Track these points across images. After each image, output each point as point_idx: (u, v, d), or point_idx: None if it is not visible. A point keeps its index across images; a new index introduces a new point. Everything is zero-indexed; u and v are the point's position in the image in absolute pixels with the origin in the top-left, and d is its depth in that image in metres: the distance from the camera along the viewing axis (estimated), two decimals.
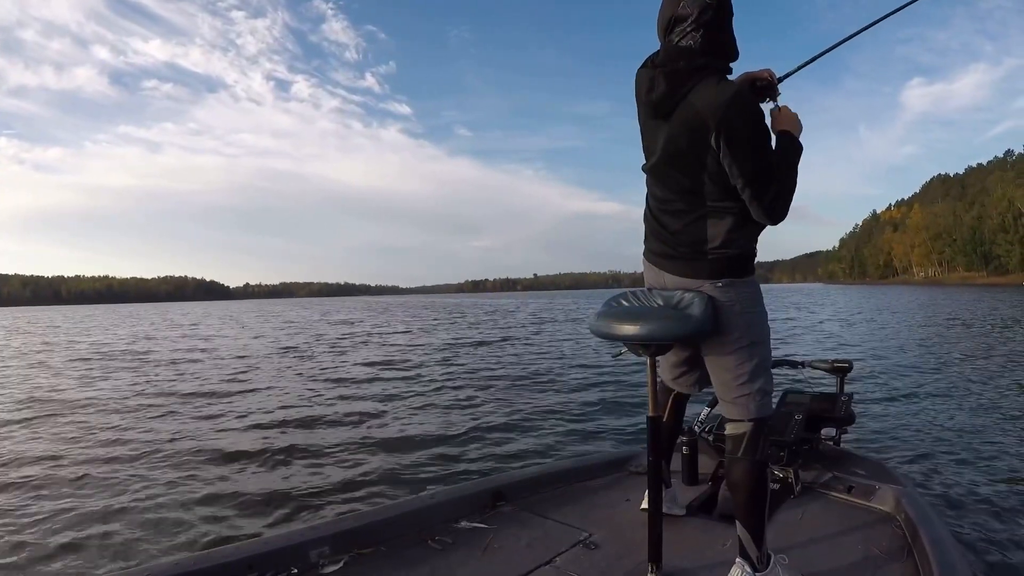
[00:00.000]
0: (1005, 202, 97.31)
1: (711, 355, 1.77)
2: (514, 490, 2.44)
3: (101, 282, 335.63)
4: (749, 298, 1.72)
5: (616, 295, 1.90)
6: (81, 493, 4.15)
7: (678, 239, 1.73)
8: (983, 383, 7.49)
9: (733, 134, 1.53)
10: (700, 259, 1.70)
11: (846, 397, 2.88)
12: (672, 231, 1.74)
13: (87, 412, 7.10)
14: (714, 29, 1.61)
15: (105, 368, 11.95)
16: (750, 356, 1.70)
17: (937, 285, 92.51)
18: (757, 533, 1.69)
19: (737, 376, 1.71)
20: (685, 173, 1.66)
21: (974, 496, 3.58)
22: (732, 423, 1.74)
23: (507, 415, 6.37)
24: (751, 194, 1.58)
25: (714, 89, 1.56)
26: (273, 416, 6.61)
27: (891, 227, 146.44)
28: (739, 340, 1.70)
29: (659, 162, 1.72)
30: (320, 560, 1.85)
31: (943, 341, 12.82)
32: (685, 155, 1.63)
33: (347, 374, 10.08)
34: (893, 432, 5.11)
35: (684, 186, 1.68)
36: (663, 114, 1.65)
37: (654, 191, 1.80)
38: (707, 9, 1.58)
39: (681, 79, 1.60)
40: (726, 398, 1.76)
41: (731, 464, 1.73)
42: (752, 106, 1.57)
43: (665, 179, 1.73)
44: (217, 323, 32.26)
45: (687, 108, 1.59)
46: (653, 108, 1.67)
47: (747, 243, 1.72)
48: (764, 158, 1.58)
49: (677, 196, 1.71)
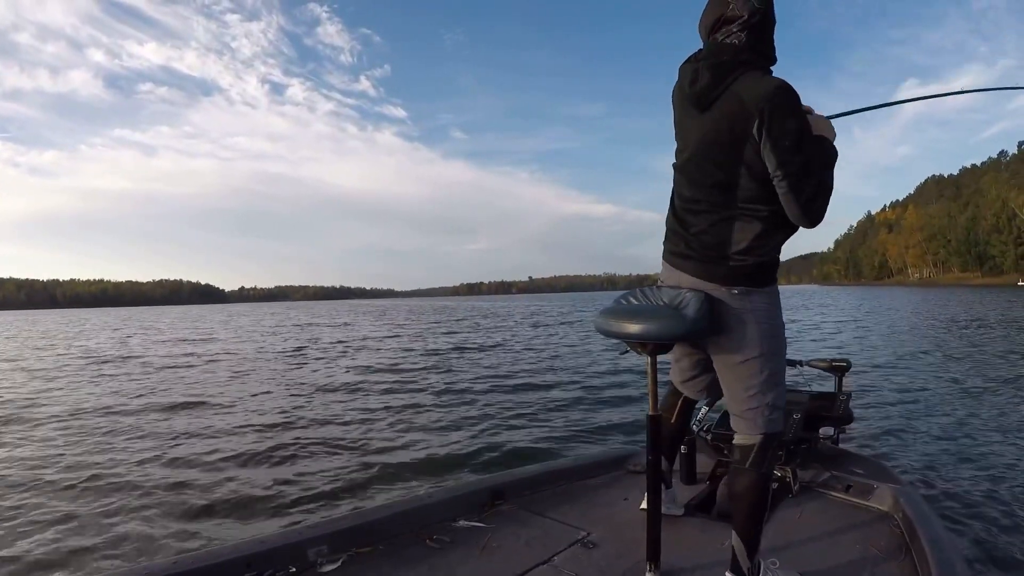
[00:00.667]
0: (999, 203, 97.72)
1: (722, 364, 1.75)
2: (512, 489, 2.43)
3: (96, 285, 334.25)
4: (766, 309, 1.68)
5: (626, 293, 1.89)
6: (80, 493, 4.13)
7: (700, 240, 1.70)
8: (981, 382, 7.52)
9: (777, 122, 1.51)
10: (720, 263, 1.66)
11: (844, 396, 2.88)
12: (695, 231, 1.71)
13: (89, 413, 7.06)
14: (759, 32, 1.63)
15: (101, 372, 11.90)
16: (761, 369, 1.67)
17: (932, 286, 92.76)
18: (752, 545, 1.68)
19: (747, 388, 1.68)
20: (720, 166, 1.63)
21: (972, 495, 3.59)
22: (741, 434, 1.72)
23: (505, 414, 6.37)
24: (789, 186, 1.54)
25: (760, 79, 1.57)
26: (272, 417, 6.59)
27: (886, 228, 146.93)
28: (751, 351, 1.66)
29: (693, 156, 1.70)
30: (318, 559, 1.84)
31: (941, 341, 12.86)
32: (723, 146, 1.60)
33: (345, 375, 10.05)
34: (891, 431, 5.12)
35: (717, 181, 1.64)
36: (704, 105, 1.64)
37: (681, 190, 1.77)
38: (756, 13, 1.61)
39: (725, 70, 1.60)
40: (735, 410, 1.73)
41: (735, 473, 1.72)
42: (798, 98, 1.56)
43: (697, 175, 1.70)
44: (213, 326, 32.15)
45: (730, 96, 1.58)
46: (695, 99, 1.66)
47: (772, 251, 1.68)
48: (806, 151, 1.55)
49: (707, 194, 1.67)
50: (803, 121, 1.56)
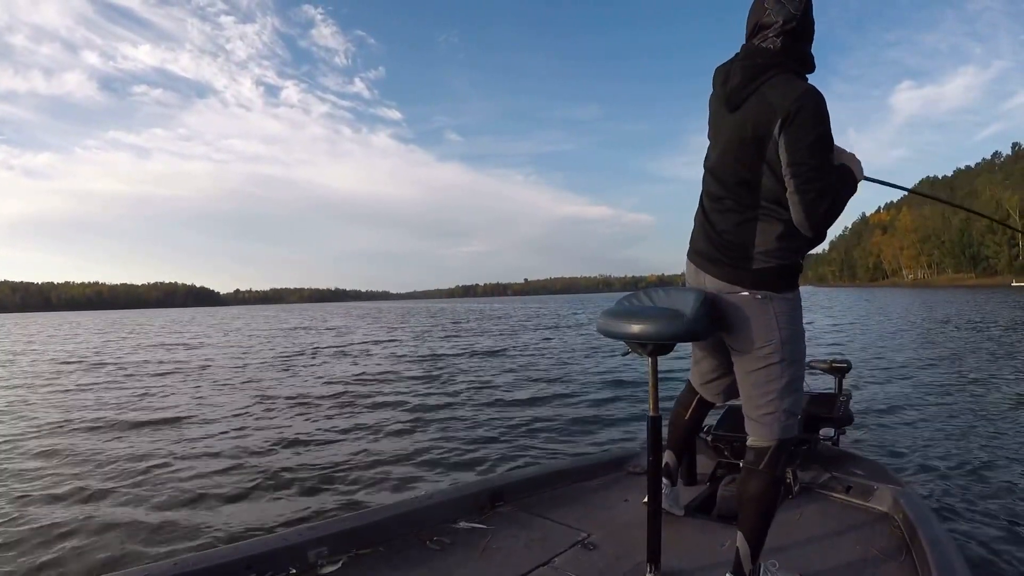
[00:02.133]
0: (993, 204, 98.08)
1: (741, 367, 1.75)
2: (512, 490, 2.43)
3: (91, 288, 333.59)
4: (788, 314, 1.69)
5: (632, 293, 1.89)
6: (80, 493, 4.12)
7: (725, 240, 1.71)
8: (981, 383, 7.55)
9: (799, 122, 1.53)
10: (744, 265, 1.67)
11: (844, 397, 2.88)
12: (720, 231, 1.72)
13: (88, 415, 7.04)
14: (794, 39, 1.64)
15: (110, 374, 11.87)
16: (780, 374, 1.67)
17: (926, 287, 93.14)
18: (756, 548, 1.68)
19: (765, 393, 1.69)
20: (745, 165, 1.64)
21: (972, 496, 3.60)
22: (756, 437, 1.72)
23: (505, 415, 6.37)
24: (796, 185, 1.55)
25: (791, 81, 1.60)
26: (271, 418, 6.59)
27: (880, 230, 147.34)
28: (771, 356, 1.67)
29: (721, 154, 1.72)
30: (319, 560, 1.84)
31: (939, 341, 12.91)
32: (748, 144, 1.62)
33: (344, 377, 10.04)
34: (891, 432, 5.14)
35: (742, 179, 1.66)
36: (735, 104, 1.67)
37: (710, 189, 1.78)
38: (791, 19, 1.62)
39: (757, 71, 1.63)
40: (751, 415, 1.73)
41: (748, 475, 1.71)
42: (825, 105, 1.56)
43: (724, 174, 1.72)
44: (209, 329, 32.06)
45: (759, 96, 1.61)
46: (727, 98, 1.69)
47: (793, 255, 1.69)
48: (822, 157, 1.55)
49: (732, 192, 1.69)
50: (826, 128, 1.56)
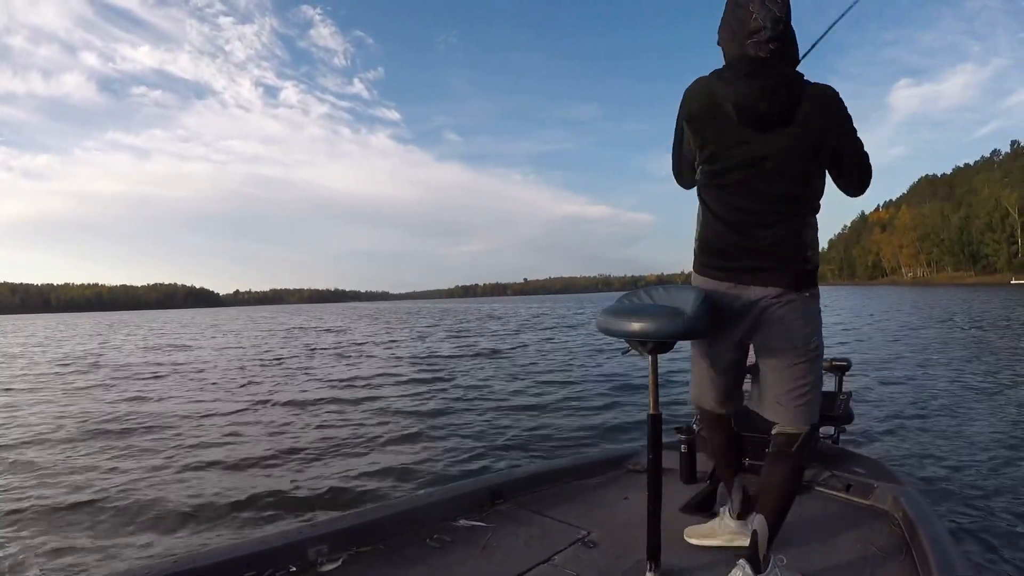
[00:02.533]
0: (992, 201, 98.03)
1: (782, 362, 1.73)
2: (512, 488, 2.43)
3: (90, 289, 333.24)
4: (818, 308, 1.76)
5: (632, 291, 1.89)
6: (79, 494, 4.12)
7: (773, 251, 1.69)
8: (981, 382, 7.55)
9: (843, 119, 1.65)
10: (797, 269, 1.69)
11: (845, 395, 2.87)
12: (767, 244, 1.69)
13: (89, 413, 7.04)
14: (787, 38, 1.64)
15: (110, 376, 11.87)
16: (813, 367, 1.73)
17: (926, 285, 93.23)
18: (774, 533, 1.69)
19: (803, 384, 1.72)
20: (793, 176, 1.65)
21: (972, 494, 3.60)
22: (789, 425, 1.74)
23: (504, 414, 6.38)
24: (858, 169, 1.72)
25: (815, 87, 1.64)
26: (271, 418, 6.60)
27: (879, 228, 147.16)
28: (816, 349, 1.72)
29: (759, 171, 1.66)
30: (319, 558, 1.84)
31: (939, 340, 12.94)
32: (797, 157, 1.63)
33: (343, 377, 10.05)
34: (892, 430, 5.15)
35: (787, 191, 1.66)
36: (774, 124, 1.62)
37: (738, 203, 1.71)
38: (779, 22, 1.60)
39: (787, 87, 1.61)
40: (788, 404, 1.73)
41: (778, 459, 1.73)
42: None
43: (763, 188, 1.67)
44: (209, 329, 32.07)
45: (804, 111, 1.60)
46: (761, 120, 1.62)
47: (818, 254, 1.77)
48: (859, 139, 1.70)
49: (773, 205, 1.68)
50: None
